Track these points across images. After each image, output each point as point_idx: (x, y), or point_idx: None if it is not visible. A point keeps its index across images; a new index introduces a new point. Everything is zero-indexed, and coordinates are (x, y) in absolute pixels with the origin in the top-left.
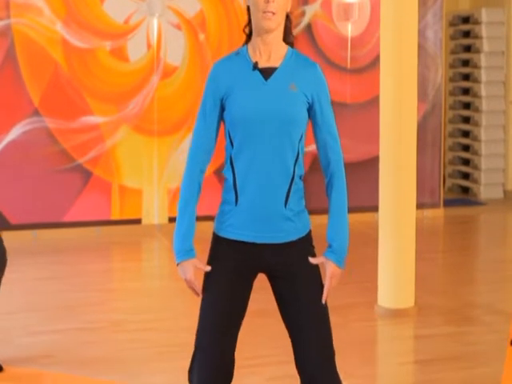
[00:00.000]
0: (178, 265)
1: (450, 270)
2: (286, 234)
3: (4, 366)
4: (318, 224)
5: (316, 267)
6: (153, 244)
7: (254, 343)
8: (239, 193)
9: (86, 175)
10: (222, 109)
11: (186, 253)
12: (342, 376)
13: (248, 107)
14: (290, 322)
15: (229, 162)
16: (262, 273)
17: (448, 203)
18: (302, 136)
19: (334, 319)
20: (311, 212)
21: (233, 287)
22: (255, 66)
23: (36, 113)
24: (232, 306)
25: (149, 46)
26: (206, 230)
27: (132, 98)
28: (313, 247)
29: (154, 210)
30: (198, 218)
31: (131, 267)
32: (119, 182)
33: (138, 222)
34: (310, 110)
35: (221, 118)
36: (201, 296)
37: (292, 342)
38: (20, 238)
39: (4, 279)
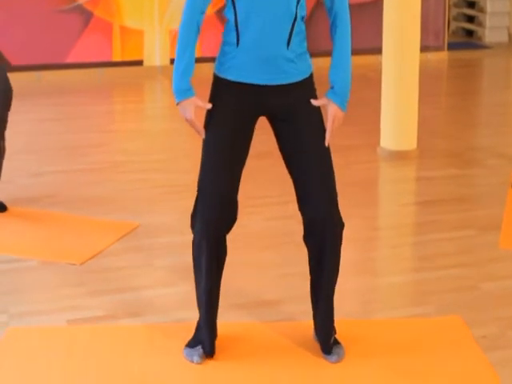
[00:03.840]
0: (177, 105)
1: (452, 114)
2: (288, 75)
3: (8, 206)
4: (321, 67)
5: (318, 110)
6: (154, 86)
7: (254, 184)
8: (240, 33)
9: (87, 16)
10: None
11: (184, 92)
12: (343, 216)
13: None
14: (293, 165)
15: (230, 1)
16: (263, 116)
17: (452, 46)
18: None
19: (336, 161)
20: (314, 55)
21: (234, 128)
22: None
23: None
24: (234, 147)
25: None
26: (206, 72)
27: None
28: (315, 90)
29: (156, 51)
30: (199, 60)
31: (133, 109)
32: (120, 22)
33: (139, 63)
34: None
35: None
36: (203, 136)
37: (295, 185)
38: (21, 80)
39: None
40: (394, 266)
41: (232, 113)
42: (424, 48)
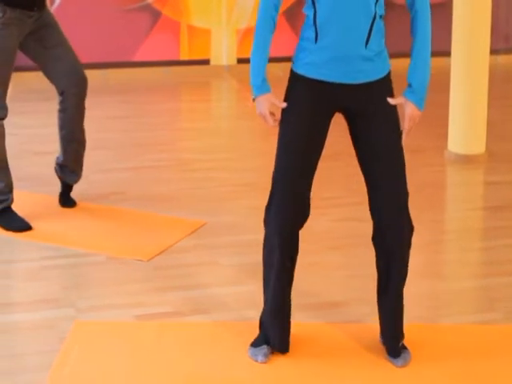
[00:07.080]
0: (254, 101)
1: None
2: (366, 74)
3: (77, 201)
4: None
5: (394, 109)
6: (221, 85)
7: (322, 185)
8: (319, 30)
9: (155, 15)
10: None
11: (260, 88)
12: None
13: None
14: (364, 164)
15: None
16: (339, 112)
17: None
18: None
19: None
20: (390, 56)
21: (309, 127)
22: None
23: None
24: (308, 145)
25: None
26: (271, 71)
27: None
28: (392, 89)
29: (223, 50)
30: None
31: (200, 107)
32: (188, 22)
33: (206, 62)
34: None
35: None
36: (274, 123)
37: (366, 184)
38: (89, 78)
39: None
40: (461, 271)
41: (308, 109)
42: (493, 51)
